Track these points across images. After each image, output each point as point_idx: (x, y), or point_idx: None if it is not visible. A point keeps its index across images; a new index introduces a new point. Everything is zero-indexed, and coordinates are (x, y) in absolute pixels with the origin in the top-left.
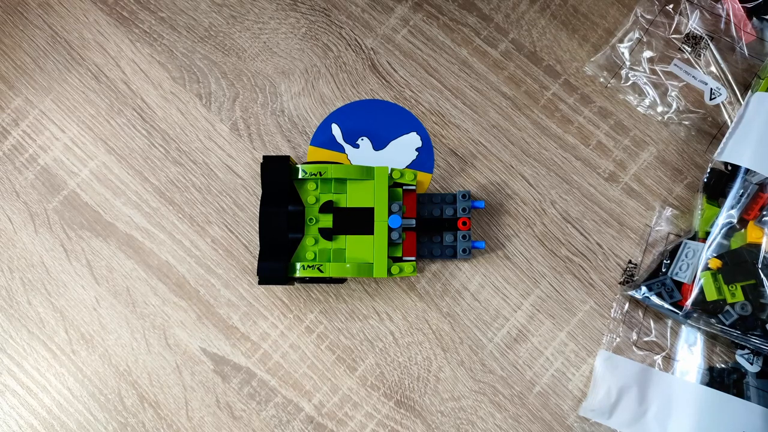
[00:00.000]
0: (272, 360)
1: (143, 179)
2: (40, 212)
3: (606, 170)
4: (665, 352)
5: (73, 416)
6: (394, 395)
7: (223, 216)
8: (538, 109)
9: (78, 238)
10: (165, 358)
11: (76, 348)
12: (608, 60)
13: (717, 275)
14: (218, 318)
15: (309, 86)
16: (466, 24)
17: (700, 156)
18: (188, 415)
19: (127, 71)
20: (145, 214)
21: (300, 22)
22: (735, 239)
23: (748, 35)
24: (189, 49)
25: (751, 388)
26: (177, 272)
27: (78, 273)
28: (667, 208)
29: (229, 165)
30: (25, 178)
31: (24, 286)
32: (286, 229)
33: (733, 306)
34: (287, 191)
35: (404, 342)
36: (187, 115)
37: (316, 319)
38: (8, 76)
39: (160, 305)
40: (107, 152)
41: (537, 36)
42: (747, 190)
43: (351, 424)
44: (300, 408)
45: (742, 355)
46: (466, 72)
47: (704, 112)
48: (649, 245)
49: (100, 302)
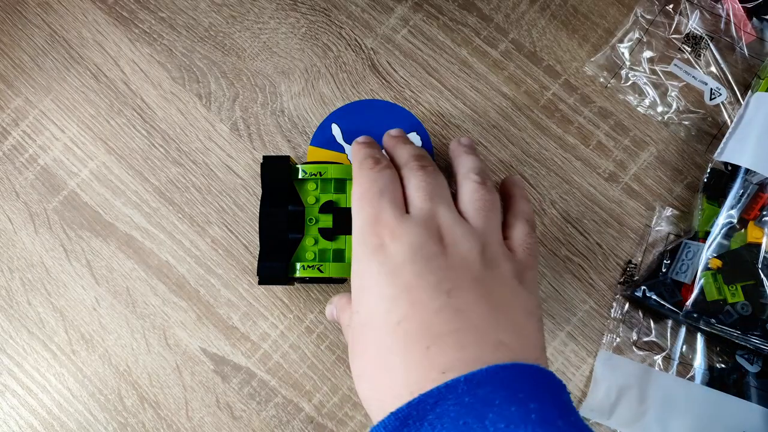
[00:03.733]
0: (272, 360)
1: (143, 179)
2: (40, 212)
3: (606, 170)
4: (665, 352)
5: (73, 416)
6: None
7: (223, 216)
8: (538, 109)
9: (78, 238)
10: (165, 358)
11: (76, 348)
12: (608, 60)
13: (717, 275)
14: (218, 318)
15: (309, 86)
16: (466, 24)
17: (700, 156)
18: (188, 415)
19: (126, 71)
20: (145, 214)
21: (300, 21)
22: (735, 239)
23: (749, 35)
24: (189, 49)
25: (751, 388)
26: (177, 272)
27: (78, 273)
28: (667, 208)
29: (229, 165)
30: (25, 178)
31: (24, 286)
32: (286, 229)
33: (733, 306)
34: (287, 191)
35: None
36: (186, 115)
37: (317, 319)
38: (7, 76)
39: (160, 305)
40: (107, 152)
41: (537, 36)
42: (747, 190)
43: (351, 424)
44: (300, 408)
45: (743, 355)
46: (466, 72)
47: (704, 112)
48: (649, 245)
49: (100, 302)
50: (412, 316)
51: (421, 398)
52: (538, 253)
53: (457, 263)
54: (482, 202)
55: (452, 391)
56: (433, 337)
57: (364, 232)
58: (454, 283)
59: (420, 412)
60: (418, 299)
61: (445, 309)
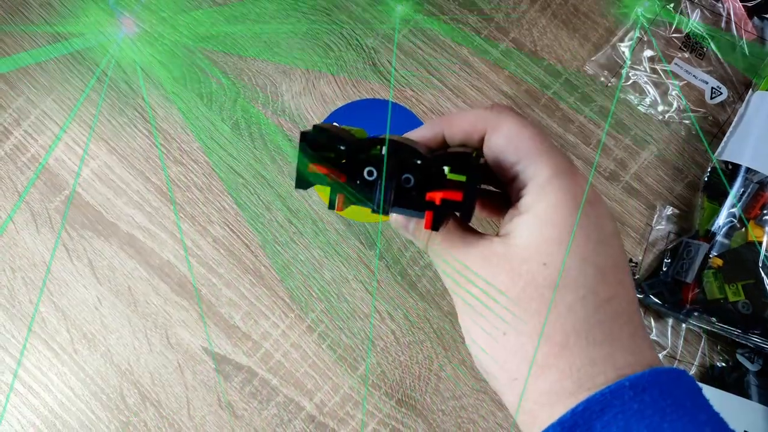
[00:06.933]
0: (273, 359)
1: (145, 179)
2: (42, 212)
3: (607, 169)
4: (666, 351)
5: (75, 415)
6: (395, 394)
7: (225, 215)
8: (539, 108)
9: (80, 238)
10: (167, 358)
11: (77, 347)
12: (609, 59)
13: (718, 274)
14: (220, 317)
15: (310, 85)
16: (467, 23)
17: (701, 155)
18: (190, 414)
19: (128, 71)
20: (147, 213)
21: (301, 21)
22: (736, 238)
23: (749, 34)
24: (190, 49)
25: (752, 386)
26: (178, 272)
27: (80, 272)
28: (667, 207)
29: (231, 164)
30: (27, 178)
31: (26, 285)
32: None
33: (734, 305)
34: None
35: (405, 341)
36: (188, 115)
37: (318, 318)
38: (9, 75)
39: (161, 304)
40: (109, 152)
41: (538, 35)
42: (748, 189)
43: (352, 423)
44: (301, 407)
45: (743, 354)
46: (467, 71)
47: (705, 111)
48: (650, 244)
49: (101, 302)
50: (622, 296)
51: (586, 405)
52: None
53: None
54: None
55: (618, 396)
56: (636, 326)
57: (575, 182)
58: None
59: (586, 421)
60: (625, 281)
61: (635, 299)
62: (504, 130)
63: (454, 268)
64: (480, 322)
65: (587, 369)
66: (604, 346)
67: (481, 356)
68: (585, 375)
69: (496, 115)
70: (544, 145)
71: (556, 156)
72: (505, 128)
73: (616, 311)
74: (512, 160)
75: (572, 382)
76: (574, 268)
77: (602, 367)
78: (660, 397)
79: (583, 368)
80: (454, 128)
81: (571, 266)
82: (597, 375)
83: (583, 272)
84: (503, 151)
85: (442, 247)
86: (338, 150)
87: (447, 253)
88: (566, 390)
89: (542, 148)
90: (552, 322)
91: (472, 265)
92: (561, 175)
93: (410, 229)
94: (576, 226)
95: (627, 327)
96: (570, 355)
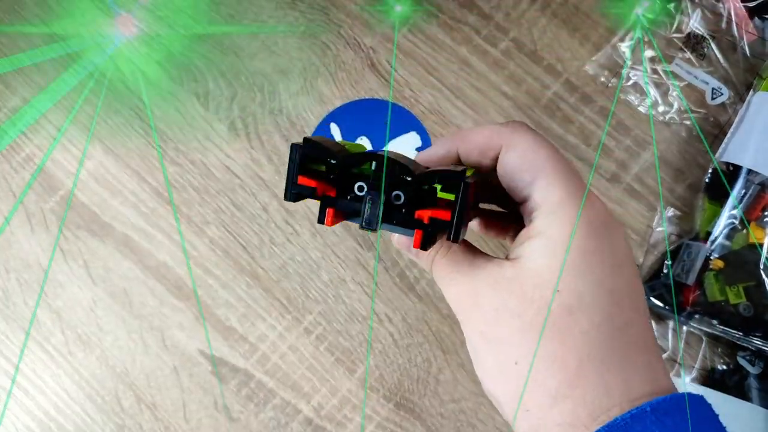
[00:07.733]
0: (270, 361)
1: (141, 179)
2: (37, 212)
3: (608, 170)
4: (667, 354)
5: (70, 418)
6: (393, 397)
7: (221, 216)
8: (539, 109)
9: (75, 239)
10: (163, 360)
11: (72, 349)
12: (609, 59)
13: (719, 276)
14: (216, 319)
15: (308, 85)
16: (466, 22)
17: (702, 156)
18: (186, 417)
19: (124, 70)
20: (143, 214)
21: (298, 20)
22: (737, 240)
23: (750, 35)
24: (187, 48)
25: (752, 389)
26: (175, 273)
27: (75, 273)
28: (668, 208)
29: (227, 165)
30: (21, 178)
31: (20, 286)
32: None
33: (735, 307)
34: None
35: (404, 344)
36: (184, 115)
37: (315, 320)
38: (5, 75)
39: (157, 306)
40: (104, 152)
41: (538, 35)
42: (749, 191)
43: (350, 426)
44: (298, 410)
45: (744, 357)
46: (466, 71)
47: (706, 112)
48: (651, 246)
49: (97, 303)
50: (638, 322)
51: (607, 431)
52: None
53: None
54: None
55: (639, 420)
56: (651, 353)
57: (587, 200)
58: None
59: None
60: (640, 307)
61: (651, 326)
62: (519, 148)
63: (461, 292)
64: (490, 350)
65: (602, 400)
66: (620, 375)
67: (491, 386)
68: (599, 407)
69: (512, 132)
70: (560, 165)
71: (572, 178)
72: (520, 146)
73: (631, 338)
74: (526, 179)
75: (587, 414)
76: (589, 293)
77: (617, 399)
78: (682, 421)
79: (597, 399)
80: (469, 145)
81: (585, 292)
82: (612, 407)
83: (598, 298)
84: (517, 170)
85: (447, 270)
86: (329, 163)
87: (453, 277)
88: (581, 421)
89: (558, 168)
90: (567, 349)
91: (481, 289)
92: (576, 198)
93: (413, 250)
94: (590, 250)
95: (643, 355)
96: (585, 384)
